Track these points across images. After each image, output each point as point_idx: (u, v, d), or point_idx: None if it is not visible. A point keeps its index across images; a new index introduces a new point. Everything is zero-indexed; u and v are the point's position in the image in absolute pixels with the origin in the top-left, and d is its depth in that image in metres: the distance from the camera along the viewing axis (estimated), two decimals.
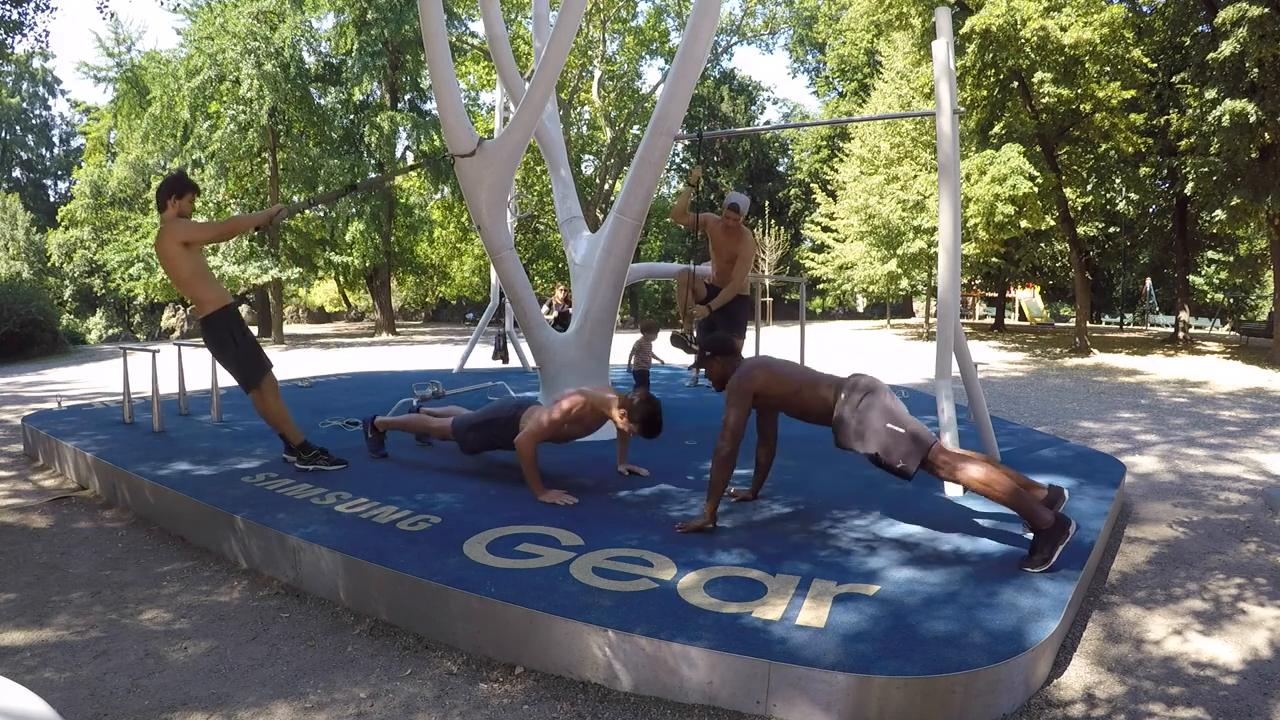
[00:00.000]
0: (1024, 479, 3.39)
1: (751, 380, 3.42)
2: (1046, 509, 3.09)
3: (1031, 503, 3.08)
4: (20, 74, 41.11)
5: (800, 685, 2.33)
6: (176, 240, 4.21)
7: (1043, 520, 3.04)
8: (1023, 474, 3.48)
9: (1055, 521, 3.04)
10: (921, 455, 3.18)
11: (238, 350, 4.37)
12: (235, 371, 4.43)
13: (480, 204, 5.02)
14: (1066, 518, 3.08)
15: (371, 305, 33.27)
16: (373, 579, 3.09)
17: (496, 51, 6.41)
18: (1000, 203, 15.49)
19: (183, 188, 4.31)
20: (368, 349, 20.59)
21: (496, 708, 2.45)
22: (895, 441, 3.18)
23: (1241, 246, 22.56)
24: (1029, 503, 3.08)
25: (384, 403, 6.27)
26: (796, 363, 3.67)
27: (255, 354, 4.45)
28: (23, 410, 8.25)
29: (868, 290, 25.12)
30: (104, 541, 4.05)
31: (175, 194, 4.28)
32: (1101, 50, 14.71)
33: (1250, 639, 2.97)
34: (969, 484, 3.16)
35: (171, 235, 4.21)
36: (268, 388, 4.46)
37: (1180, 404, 9.70)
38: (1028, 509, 3.07)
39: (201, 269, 4.33)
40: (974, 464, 3.16)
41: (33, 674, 2.66)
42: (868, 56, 32.01)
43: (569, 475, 4.39)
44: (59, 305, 29.85)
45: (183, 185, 4.32)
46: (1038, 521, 3.05)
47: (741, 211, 5.78)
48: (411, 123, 24.20)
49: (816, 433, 5.73)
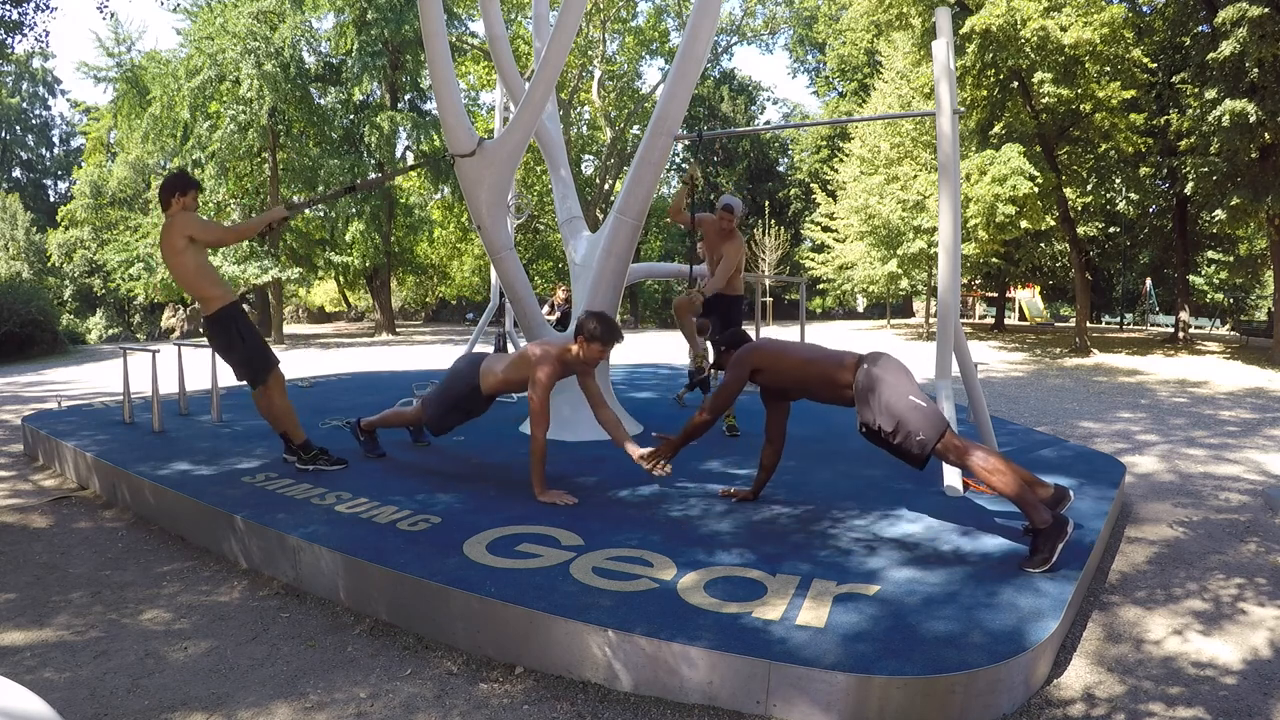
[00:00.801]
0: (1030, 476, 3.39)
1: (750, 355, 3.48)
2: (1046, 509, 3.10)
3: (1033, 500, 3.09)
4: (20, 74, 41.12)
5: (800, 685, 2.33)
6: (182, 234, 4.18)
7: (1041, 519, 3.05)
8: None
9: (1053, 521, 3.04)
10: (939, 436, 3.16)
11: (244, 347, 4.33)
12: (242, 369, 4.40)
13: (480, 204, 5.02)
14: (1065, 517, 3.09)
15: (371, 305, 33.28)
16: (373, 579, 3.09)
17: (496, 51, 6.41)
18: (1000, 203, 15.49)
19: (185, 185, 4.31)
20: (368, 349, 20.59)
21: (496, 708, 2.45)
22: (916, 417, 3.15)
23: (1241, 246, 22.56)
24: (1030, 500, 3.09)
25: (384, 403, 6.26)
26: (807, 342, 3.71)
27: (262, 350, 4.41)
28: (23, 410, 8.25)
29: (868, 290, 25.12)
30: (104, 541, 4.05)
31: (179, 191, 4.28)
32: (1101, 50, 14.71)
33: (1250, 639, 2.97)
34: (974, 471, 3.16)
35: (178, 229, 4.18)
36: (275, 385, 4.43)
37: (1180, 404, 9.70)
38: (1027, 506, 3.08)
39: (206, 266, 4.31)
40: (981, 453, 3.17)
41: (33, 674, 2.66)
42: (868, 56, 32.03)
43: (569, 475, 4.39)
44: (59, 305, 29.86)
45: (185, 183, 4.32)
46: (1036, 520, 3.06)
47: (735, 213, 5.74)
48: (411, 123, 24.20)
49: (817, 432, 5.76)
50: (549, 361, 4.01)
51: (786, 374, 3.54)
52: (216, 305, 4.30)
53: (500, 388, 4.29)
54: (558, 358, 4.05)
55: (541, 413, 3.92)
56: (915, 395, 3.22)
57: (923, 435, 3.14)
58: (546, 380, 3.98)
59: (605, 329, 3.99)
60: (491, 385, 4.28)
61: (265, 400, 4.46)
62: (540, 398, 3.92)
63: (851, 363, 3.38)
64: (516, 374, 4.19)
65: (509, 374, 4.22)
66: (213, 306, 4.30)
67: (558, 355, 4.05)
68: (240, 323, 4.36)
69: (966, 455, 3.15)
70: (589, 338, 3.97)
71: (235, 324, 4.33)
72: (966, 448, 3.18)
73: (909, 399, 3.19)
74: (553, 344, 4.18)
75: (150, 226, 23.12)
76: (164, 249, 4.26)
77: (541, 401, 3.92)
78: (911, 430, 3.15)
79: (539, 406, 3.91)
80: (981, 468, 3.12)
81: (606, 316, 4.06)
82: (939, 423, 3.18)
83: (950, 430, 3.21)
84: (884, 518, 3.70)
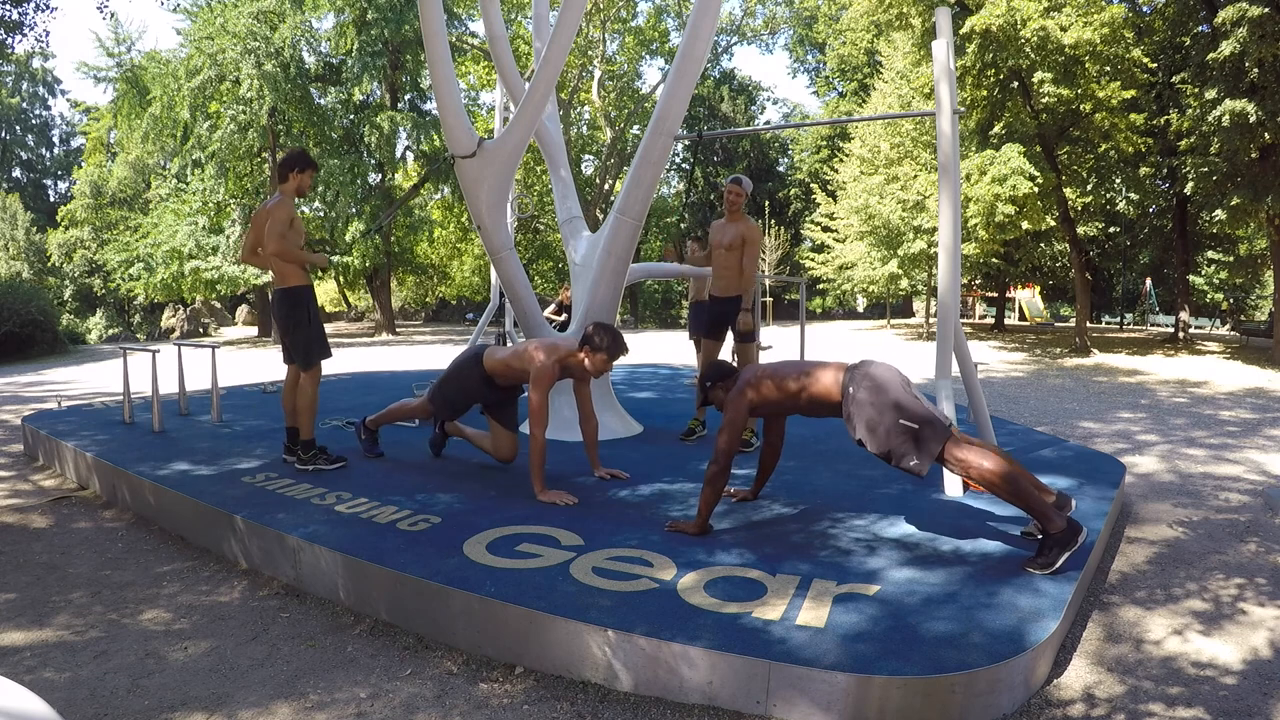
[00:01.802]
0: (1037, 481, 3.31)
1: (743, 398, 3.35)
2: (1060, 514, 3.06)
3: (1046, 505, 3.05)
4: (20, 74, 41.13)
5: (800, 685, 2.33)
6: (289, 215, 4.39)
7: (1056, 525, 3.02)
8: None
9: (1068, 527, 3.02)
10: (938, 449, 3.04)
11: (309, 329, 4.51)
12: (298, 349, 4.53)
13: (480, 204, 5.02)
14: (1079, 524, 3.06)
15: (371, 305, 33.26)
16: (373, 579, 3.09)
17: (496, 51, 6.41)
18: (1000, 203, 15.49)
19: (305, 163, 4.48)
20: (368, 349, 20.59)
21: (496, 708, 2.45)
22: (906, 439, 3.05)
23: (1241, 246, 22.56)
24: (1043, 505, 3.04)
25: (384, 402, 6.26)
26: (795, 361, 3.56)
27: (321, 338, 4.59)
28: (23, 410, 8.26)
29: (868, 290, 25.12)
30: (104, 541, 4.05)
31: (299, 168, 4.45)
32: (1101, 50, 14.70)
33: (1250, 639, 2.97)
34: (981, 481, 3.05)
35: (285, 210, 4.38)
36: (315, 375, 4.57)
37: (1180, 404, 9.70)
38: (1041, 511, 3.03)
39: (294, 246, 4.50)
40: (989, 460, 3.04)
41: (33, 674, 2.66)
42: (868, 56, 32.04)
43: (569, 475, 4.39)
44: (59, 305, 29.89)
45: (305, 160, 4.50)
46: (1050, 525, 3.03)
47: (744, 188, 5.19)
48: (411, 123, 24.20)
49: (817, 432, 5.76)
50: (550, 361, 4.02)
51: (782, 404, 3.41)
52: (295, 281, 4.47)
53: (500, 369, 4.29)
54: (559, 360, 4.05)
55: (540, 412, 3.92)
56: (906, 412, 3.06)
57: (915, 460, 3.04)
58: (546, 380, 3.98)
59: (612, 342, 4.00)
60: (493, 366, 4.31)
61: (299, 387, 4.56)
62: (539, 397, 3.92)
63: (842, 381, 3.23)
64: (518, 363, 4.21)
65: (510, 360, 4.25)
66: (291, 282, 4.47)
67: (559, 357, 4.06)
68: (312, 305, 4.55)
69: (971, 468, 3.03)
70: (594, 349, 3.98)
71: (308, 305, 4.51)
72: (969, 460, 3.03)
73: (898, 423, 3.05)
74: (558, 344, 4.18)
75: (150, 226, 23.14)
76: (272, 218, 4.35)
77: (540, 400, 3.92)
78: (903, 455, 3.06)
79: (538, 405, 3.92)
80: (989, 476, 3.00)
81: (613, 329, 4.06)
82: (935, 436, 3.04)
83: (952, 439, 3.07)
84: (884, 518, 3.70)
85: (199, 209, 22.57)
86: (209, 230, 22.50)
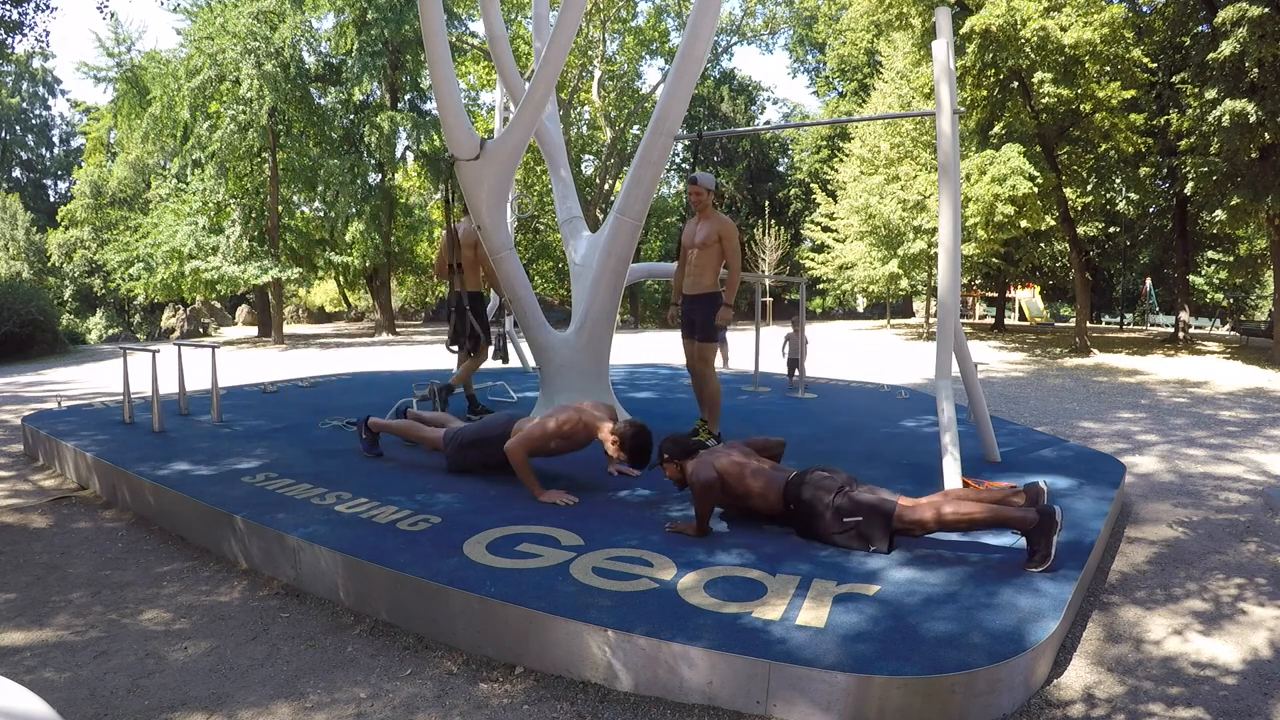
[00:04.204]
0: (998, 493, 3.36)
1: (714, 485, 3.39)
2: (1029, 509, 3.09)
3: (1011, 514, 3.08)
4: (20, 74, 41.12)
5: (800, 685, 2.33)
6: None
7: (1028, 522, 3.05)
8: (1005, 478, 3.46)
9: (1040, 517, 3.04)
10: (888, 531, 3.19)
11: (478, 322, 5.84)
12: (468, 337, 5.82)
13: (480, 204, 5.02)
14: (1050, 507, 3.08)
15: (371, 305, 33.28)
16: (373, 579, 3.09)
17: (496, 51, 6.41)
18: (1000, 203, 15.50)
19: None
20: (368, 349, 20.59)
21: (496, 708, 2.45)
22: (852, 535, 3.23)
23: (1241, 246, 22.58)
24: (1009, 514, 3.08)
25: (384, 402, 6.27)
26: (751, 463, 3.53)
27: (488, 332, 5.96)
28: (23, 410, 8.25)
29: (867, 290, 25.12)
30: (104, 541, 4.05)
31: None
32: (1101, 50, 14.71)
33: (1250, 639, 2.97)
34: (948, 528, 3.16)
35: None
36: (479, 360, 5.99)
37: (1180, 404, 9.70)
38: (1012, 520, 3.07)
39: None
40: (947, 506, 3.15)
41: (33, 674, 2.66)
42: (868, 56, 32.03)
43: (568, 475, 4.39)
44: (59, 305, 29.88)
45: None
46: (1024, 525, 3.06)
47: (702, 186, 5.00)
48: (411, 123, 24.20)
49: (817, 432, 5.76)
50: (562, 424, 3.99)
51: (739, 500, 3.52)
52: (475, 287, 6.01)
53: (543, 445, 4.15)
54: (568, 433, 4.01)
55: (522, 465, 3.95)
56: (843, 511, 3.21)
57: (874, 545, 3.21)
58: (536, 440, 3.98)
59: (636, 456, 3.91)
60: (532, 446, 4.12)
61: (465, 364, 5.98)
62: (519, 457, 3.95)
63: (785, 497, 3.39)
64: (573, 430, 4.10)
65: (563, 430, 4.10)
66: (473, 287, 5.97)
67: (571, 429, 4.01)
68: (483, 306, 6.08)
69: (929, 524, 3.14)
70: (621, 446, 3.92)
71: (482, 305, 5.97)
72: (924, 518, 3.14)
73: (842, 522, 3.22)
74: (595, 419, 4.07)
75: (149, 226, 23.12)
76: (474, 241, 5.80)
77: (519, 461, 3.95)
78: (861, 546, 3.22)
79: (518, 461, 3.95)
80: (950, 519, 3.11)
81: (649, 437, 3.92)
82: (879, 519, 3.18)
83: (899, 508, 3.18)
84: None
85: (199, 209, 22.55)
86: (209, 230, 22.48)
